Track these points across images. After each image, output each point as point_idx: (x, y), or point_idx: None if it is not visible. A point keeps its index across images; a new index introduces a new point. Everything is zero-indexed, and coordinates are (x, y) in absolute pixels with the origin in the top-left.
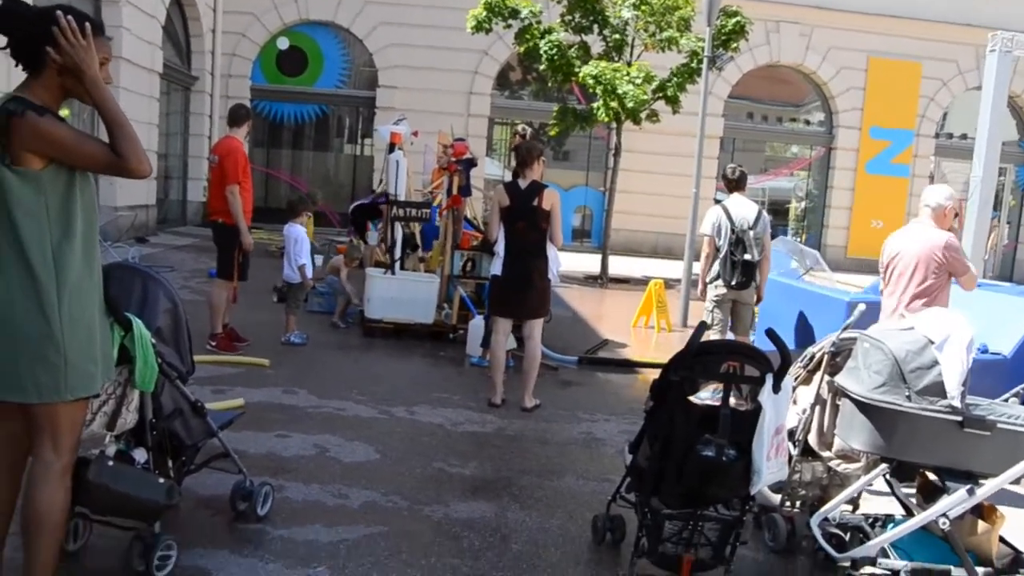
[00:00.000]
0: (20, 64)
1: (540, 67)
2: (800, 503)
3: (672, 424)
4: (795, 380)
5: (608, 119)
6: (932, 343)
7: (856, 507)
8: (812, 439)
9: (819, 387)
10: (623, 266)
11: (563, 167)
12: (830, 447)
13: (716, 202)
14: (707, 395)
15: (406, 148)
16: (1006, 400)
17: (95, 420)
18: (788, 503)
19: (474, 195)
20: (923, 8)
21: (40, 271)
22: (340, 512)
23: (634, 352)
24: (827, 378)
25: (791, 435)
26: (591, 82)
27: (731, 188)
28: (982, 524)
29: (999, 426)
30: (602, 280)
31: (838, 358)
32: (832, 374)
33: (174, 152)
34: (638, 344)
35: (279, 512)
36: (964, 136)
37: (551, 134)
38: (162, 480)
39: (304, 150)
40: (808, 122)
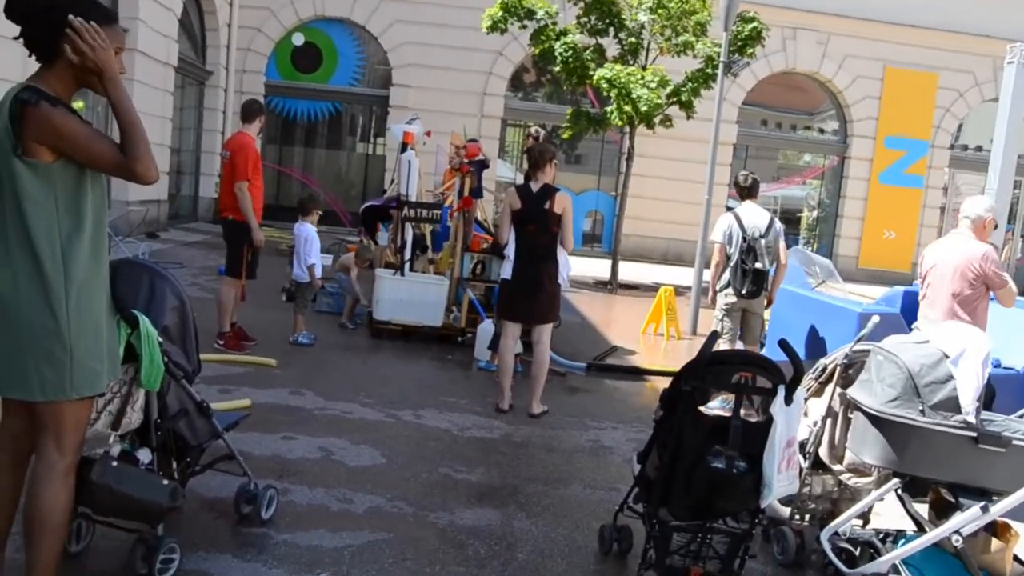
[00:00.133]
0: (33, 54)
1: (555, 69)
2: (810, 516)
3: (682, 434)
4: (807, 392)
5: (621, 123)
6: (947, 357)
7: (867, 522)
8: (823, 452)
9: (831, 399)
10: (633, 272)
11: (575, 171)
12: (841, 460)
13: (728, 209)
14: (716, 405)
15: (418, 148)
16: (1021, 416)
17: (100, 419)
18: (798, 516)
19: (485, 197)
20: (941, 18)
21: (48, 265)
22: (345, 517)
23: (643, 359)
24: (839, 390)
25: (802, 447)
26: (605, 85)
27: (743, 195)
28: (996, 542)
29: (1014, 442)
30: (612, 286)
31: (851, 370)
32: (844, 386)
33: (187, 147)
34: (647, 351)
35: (283, 516)
36: (979, 148)
37: (564, 137)
38: (166, 482)
39: (317, 148)
40: (822, 131)
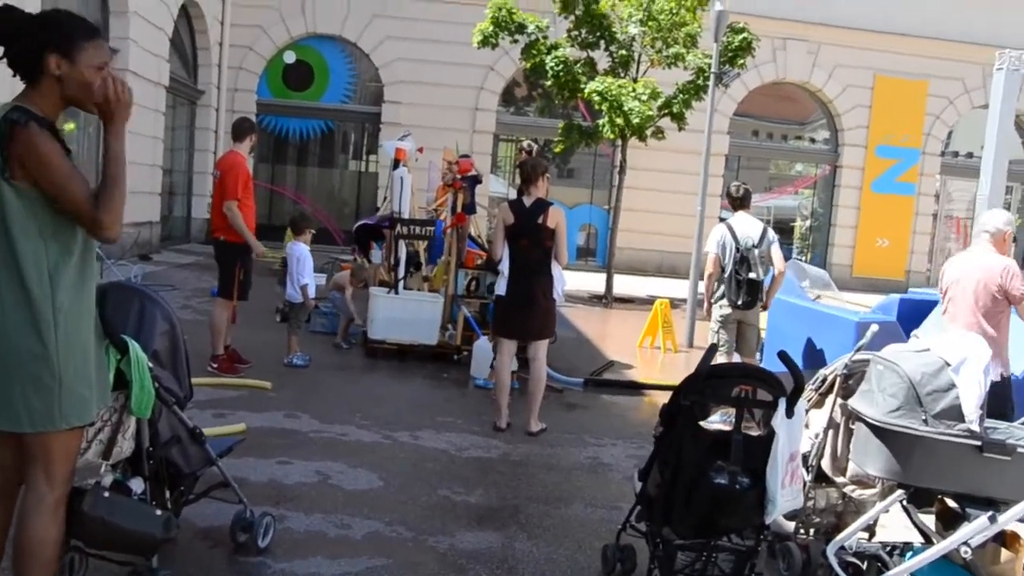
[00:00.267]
0: (17, 74)
1: (546, 83)
2: (815, 531)
3: (682, 450)
4: (807, 403)
5: (613, 136)
6: (948, 365)
7: (873, 534)
8: (826, 464)
9: (832, 411)
10: (628, 285)
11: (568, 185)
12: (844, 472)
13: (721, 220)
14: (717, 419)
15: (411, 164)
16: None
17: (90, 448)
18: (803, 531)
19: (479, 213)
20: (930, 26)
21: (35, 290)
22: (343, 543)
23: (640, 373)
24: (840, 401)
25: (804, 460)
26: (597, 98)
27: (735, 206)
28: (1005, 553)
29: (1020, 450)
30: (607, 300)
31: (851, 380)
32: (845, 397)
33: (179, 168)
34: (644, 365)
35: (280, 544)
36: (970, 155)
37: (556, 151)
38: (159, 512)
39: (309, 166)
40: (814, 140)
